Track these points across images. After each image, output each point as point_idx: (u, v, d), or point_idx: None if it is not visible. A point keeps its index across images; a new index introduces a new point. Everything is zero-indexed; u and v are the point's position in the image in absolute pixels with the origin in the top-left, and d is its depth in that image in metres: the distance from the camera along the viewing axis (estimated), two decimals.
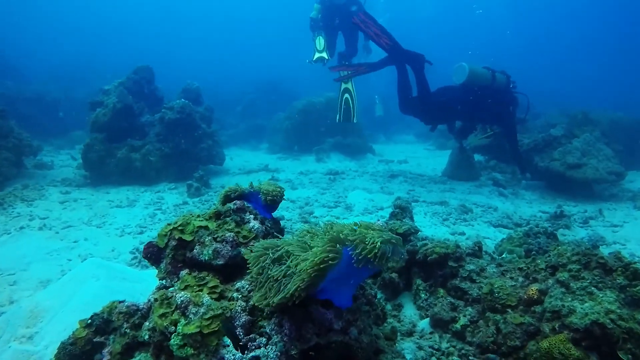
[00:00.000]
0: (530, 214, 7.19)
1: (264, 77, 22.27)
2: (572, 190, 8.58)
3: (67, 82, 18.57)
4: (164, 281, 2.37)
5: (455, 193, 8.51)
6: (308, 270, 1.78)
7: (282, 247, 2.03)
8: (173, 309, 1.97)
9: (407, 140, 18.68)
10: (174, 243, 2.37)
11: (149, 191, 8.32)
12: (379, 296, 3.79)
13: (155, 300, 2.06)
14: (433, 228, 6.24)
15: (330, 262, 1.82)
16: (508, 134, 8.56)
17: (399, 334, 3.33)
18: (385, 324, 3.14)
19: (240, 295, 2.10)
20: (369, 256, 1.88)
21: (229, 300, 2.08)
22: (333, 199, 7.74)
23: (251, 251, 2.05)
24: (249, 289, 2.12)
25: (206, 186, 8.44)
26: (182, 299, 1.99)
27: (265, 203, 2.61)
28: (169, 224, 2.46)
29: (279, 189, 2.66)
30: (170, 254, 2.37)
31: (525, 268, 3.40)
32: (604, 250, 5.11)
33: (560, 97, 18.26)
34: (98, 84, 10.82)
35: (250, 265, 2.01)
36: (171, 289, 2.29)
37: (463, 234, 6.00)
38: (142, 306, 2.16)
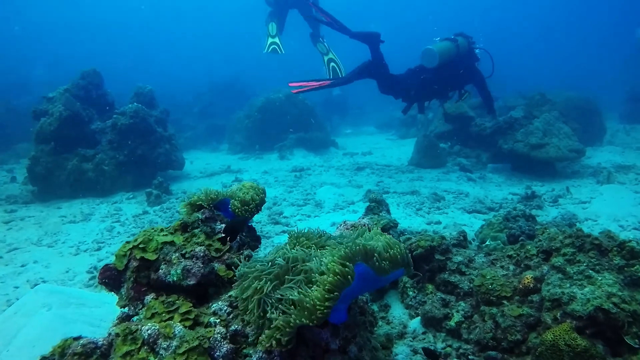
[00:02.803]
0: (501, 197, 7.14)
1: (220, 76, 21.69)
2: (536, 170, 8.64)
3: (5, 90, 17.43)
4: (126, 309, 2.04)
5: (425, 181, 8.40)
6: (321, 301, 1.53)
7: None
8: (139, 345, 1.66)
9: (368, 131, 18.59)
10: (135, 264, 2.04)
11: (105, 202, 7.80)
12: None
13: (117, 335, 1.74)
14: (408, 219, 6.07)
15: (345, 279, 1.58)
16: (480, 87, 8.32)
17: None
18: (376, 328, 2.91)
19: (219, 320, 1.80)
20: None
21: (206, 327, 1.78)
22: (302, 197, 7.47)
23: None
24: (227, 311, 1.83)
25: (167, 193, 8.01)
26: (149, 332, 1.67)
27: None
28: (127, 242, 2.13)
29: (256, 195, 2.34)
30: (131, 277, 2.05)
31: (515, 255, 3.24)
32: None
33: (514, 79, 18.57)
34: (41, 91, 10.09)
35: (240, 304, 1.73)
36: (135, 318, 1.97)
37: (439, 222, 5.85)
38: (100, 342, 1.82)
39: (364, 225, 2.29)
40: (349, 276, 1.61)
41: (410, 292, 3.43)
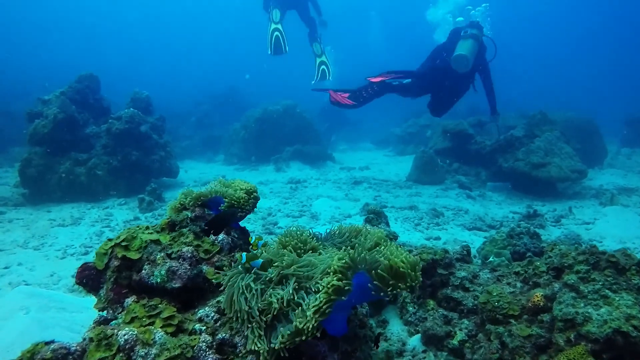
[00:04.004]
0: (502, 215, 6.99)
1: (218, 88, 21.61)
2: (537, 190, 8.50)
3: (4, 94, 17.31)
4: (104, 312, 1.86)
5: (423, 197, 8.25)
6: (318, 310, 1.38)
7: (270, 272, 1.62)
8: (114, 351, 1.47)
9: (365, 147, 18.49)
10: (116, 263, 1.87)
11: (96, 208, 7.61)
12: None
13: (91, 340, 1.55)
14: (406, 234, 5.90)
15: (339, 296, 1.44)
16: (486, 77, 7.90)
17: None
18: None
19: (205, 327, 1.62)
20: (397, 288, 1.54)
21: (190, 335, 1.60)
22: (297, 208, 7.30)
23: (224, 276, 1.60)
24: (215, 317, 1.65)
25: (159, 200, 7.81)
26: (126, 337, 1.49)
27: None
28: (109, 240, 1.95)
29: (247, 194, 2.18)
30: (111, 277, 1.87)
31: (522, 272, 3.07)
32: None
33: (514, 98, 18.60)
34: (38, 95, 9.93)
35: (225, 307, 1.58)
36: (114, 322, 1.79)
37: (438, 238, 5.68)
38: (74, 348, 1.63)
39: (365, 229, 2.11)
40: (343, 296, 1.46)
41: (410, 308, 3.25)
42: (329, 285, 1.45)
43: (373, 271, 1.58)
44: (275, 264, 1.64)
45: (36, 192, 8.05)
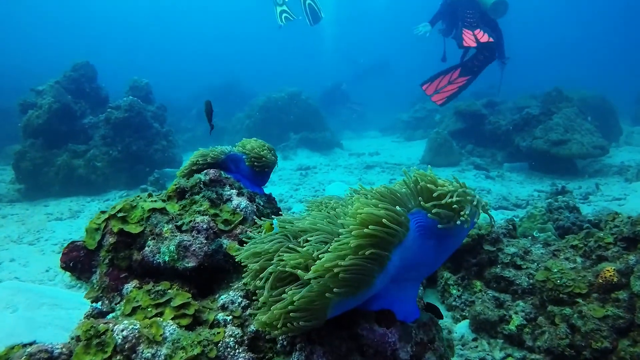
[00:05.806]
0: (526, 194, 6.58)
1: (217, 79, 21.16)
2: (556, 169, 8.09)
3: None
4: (98, 304, 1.47)
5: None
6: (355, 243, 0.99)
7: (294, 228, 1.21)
8: (109, 353, 1.08)
9: (372, 135, 18.06)
10: (112, 240, 1.47)
11: (97, 200, 7.23)
12: None
13: (78, 339, 1.15)
14: None
15: (392, 233, 1.03)
16: (496, 26, 7.60)
17: None
18: None
19: (231, 317, 1.22)
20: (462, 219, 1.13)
21: (212, 327, 1.20)
22: (310, 193, 6.92)
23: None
24: (243, 304, 1.25)
25: (163, 190, 7.42)
26: (125, 333, 1.10)
27: (252, 171, 1.75)
28: (102, 212, 1.55)
29: (269, 150, 1.80)
30: (106, 257, 1.47)
31: (581, 245, 2.66)
32: None
33: (522, 79, 18.08)
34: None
35: (245, 261, 1.15)
36: (111, 315, 1.39)
37: None
38: (58, 351, 1.24)
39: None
40: (392, 240, 1.05)
41: (454, 291, 2.85)
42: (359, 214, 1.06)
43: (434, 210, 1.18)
44: (296, 223, 1.26)
45: (32, 186, 7.67)
